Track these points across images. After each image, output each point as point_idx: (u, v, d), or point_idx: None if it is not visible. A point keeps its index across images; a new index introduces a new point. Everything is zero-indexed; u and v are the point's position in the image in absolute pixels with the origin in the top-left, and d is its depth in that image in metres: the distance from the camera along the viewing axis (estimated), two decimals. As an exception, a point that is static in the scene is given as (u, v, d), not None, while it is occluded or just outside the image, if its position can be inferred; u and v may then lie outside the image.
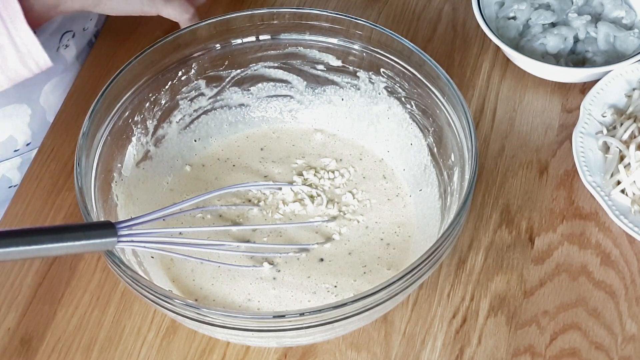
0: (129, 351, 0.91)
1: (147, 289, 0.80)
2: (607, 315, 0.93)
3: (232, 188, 0.95)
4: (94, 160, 0.90)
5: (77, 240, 0.77)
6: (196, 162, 1.02)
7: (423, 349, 0.91)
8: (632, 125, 1.01)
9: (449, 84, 0.91)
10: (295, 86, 1.03)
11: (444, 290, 0.95)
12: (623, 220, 0.96)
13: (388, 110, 1.01)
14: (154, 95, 0.97)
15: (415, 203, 0.98)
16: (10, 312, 0.94)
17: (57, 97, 1.11)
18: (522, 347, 0.91)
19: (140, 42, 1.14)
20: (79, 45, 1.12)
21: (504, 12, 1.13)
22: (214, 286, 0.92)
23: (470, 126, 0.88)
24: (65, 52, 1.10)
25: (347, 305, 0.79)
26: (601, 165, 1.00)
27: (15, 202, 1.02)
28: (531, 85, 1.10)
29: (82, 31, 1.12)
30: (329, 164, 1.01)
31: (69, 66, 1.12)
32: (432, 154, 0.97)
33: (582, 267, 0.96)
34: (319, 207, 0.97)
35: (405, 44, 0.95)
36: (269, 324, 0.80)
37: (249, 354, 0.91)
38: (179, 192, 0.99)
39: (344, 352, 0.91)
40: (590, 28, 1.11)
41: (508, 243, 0.98)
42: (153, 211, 0.85)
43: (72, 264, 0.97)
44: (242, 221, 0.97)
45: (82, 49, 1.13)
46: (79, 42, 1.12)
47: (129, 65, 0.93)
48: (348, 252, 0.94)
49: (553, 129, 1.07)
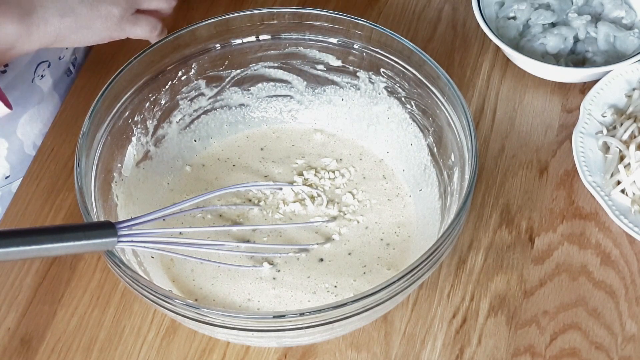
0: (129, 351, 0.91)
1: (147, 289, 0.80)
2: (607, 315, 0.93)
3: (232, 188, 0.95)
4: (94, 160, 0.90)
5: (77, 240, 0.77)
6: (196, 162, 1.02)
7: (423, 349, 0.91)
8: (632, 125, 1.01)
9: (449, 84, 0.91)
10: (295, 86, 1.03)
11: (444, 290, 0.95)
12: (623, 220, 0.96)
13: (388, 111, 1.01)
14: (154, 95, 0.97)
15: (415, 203, 0.98)
16: (10, 312, 0.94)
17: (35, 128, 1.08)
18: (522, 347, 0.91)
19: (140, 42, 1.13)
20: (56, 74, 1.09)
21: (504, 12, 1.13)
22: (214, 286, 0.92)
23: (470, 126, 0.88)
24: (41, 83, 1.06)
25: (347, 305, 0.79)
26: (601, 165, 1.00)
27: (15, 202, 1.02)
28: (531, 85, 1.10)
29: (58, 60, 1.09)
30: (329, 164, 1.01)
31: (46, 96, 1.08)
32: (432, 154, 0.97)
33: (582, 267, 0.96)
34: (319, 208, 0.97)
35: (405, 44, 0.95)
36: (269, 324, 0.80)
37: (249, 354, 0.91)
38: (179, 192, 0.99)
39: (344, 352, 0.91)
40: (590, 28, 1.11)
41: (508, 243, 0.98)
42: (153, 211, 0.85)
43: (72, 264, 0.97)
44: (242, 221, 0.97)
45: (60, 78, 1.10)
46: (55, 71, 1.09)
47: (129, 65, 0.93)
48: (348, 252, 0.94)
49: (553, 129, 1.07)
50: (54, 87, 1.09)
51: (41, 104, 1.08)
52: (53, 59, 1.08)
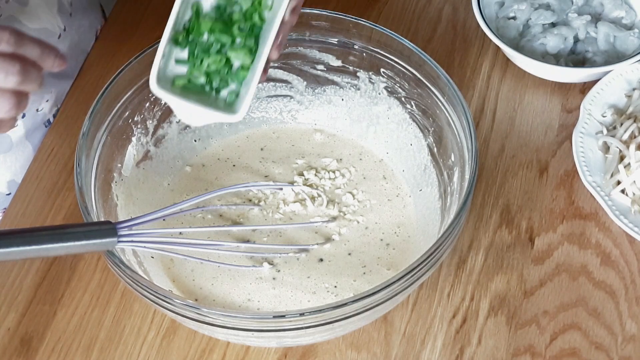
0: (129, 351, 0.91)
1: (147, 289, 0.80)
2: (607, 315, 0.93)
3: (232, 188, 0.95)
4: (94, 160, 0.90)
5: (77, 240, 0.77)
6: (196, 162, 1.02)
7: (423, 349, 0.91)
8: (632, 125, 1.01)
9: (449, 84, 0.91)
10: (295, 86, 1.03)
11: (444, 290, 0.95)
12: (623, 220, 0.96)
13: (388, 111, 1.01)
14: (154, 95, 0.97)
15: (415, 203, 0.98)
16: (10, 312, 0.94)
17: (1, 175, 1.06)
18: (522, 347, 0.91)
19: (140, 42, 1.13)
20: (30, 125, 1.06)
21: (504, 12, 1.13)
22: (214, 286, 0.92)
23: (470, 126, 0.88)
24: (10, 132, 1.00)
25: (347, 305, 0.79)
26: (601, 165, 1.00)
27: (15, 202, 1.02)
28: (531, 85, 1.10)
29: (35, 112, 1.06)
30: (329, 164, 1.01)
31: (16, 145, 1.05)
32: (432, 154, 0.97)
33: (582, 267, 0.96)
34: (319, 208, 0.97)
35: (405, 44, 0.95)
36: (269, 324, 0.80)
37: (249, 354, 0.91)
38: (179, 192, 0.99)
39: (344, 352, 0.91)
40: (590, 28, 1.11)
41: (508, 243, 0.98)
42: (153, 211, 0.85)
43: (72, 264, 0.97)
44: (242, 221, 0.97)
45: (35, 128, 1.07)
46: (29, 122, 1.06)
47: (129, 65, 0.93)
48: (348, 252, 0.94)
49: (553, 129, 1.07)
50: (26, 137, 1.06)
51: (10, 152, 1.05)
52: (29, 110, 1.05)
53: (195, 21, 0.80)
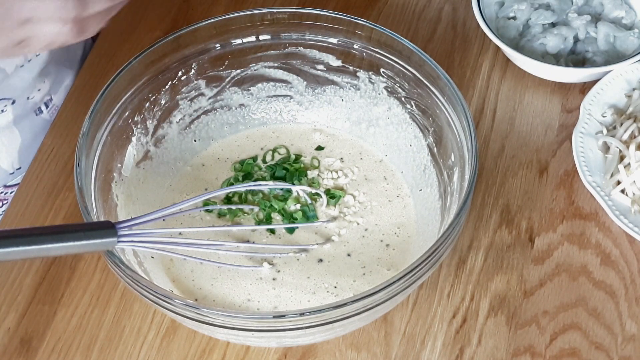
0: (129, 351, 0.91)
1: (147, 289, 0.80)
2: (607, 315, 0.93)
3: (232, 188, 0.95)
4: (94, 160, 0.90)
5: (77, 240, 0.77)
6: (196, 162, 1.02)
7: (423, 349, 0.91)
8: (632, 125, 1.01)
9: (449, 84, 0.91)
10: (295, 86, 1.03)
11: (444, 290, 0.95)
12: (623, 220, 0.96)
13: (388, 111, 1.01)
14: (154, 95, 0.97)
15: (415, 203, 0.98)
16: (10, 312, 0.94)
17: None
18: (522, 347, 0.91)
19: (140, 42, 1.14)
20: (19, 111, 1.07)
21: (504, 12, 1.13)
22: (213, 286, 0.92)
23: (470, 126, 0.88)
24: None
25: (347, 305, 0.79)
26: (601, 165, 1.00)
27: (15, 202, 1.02)
28: (531, 85, 1.10)
29: (26, 100, 1.07)
30: (332, 164, 1.01)
31: (2, 130, 1.07)
32: (432, 154, 0.97)
33: (582, 267, 0.96)
34: (320, 208, 0.97)
35: (405, 44, 0.95)
36: (269, 324, 0.80)
37: (249, 354, 0.91)
38: (179, 192, 0.99)
39: (344, 352, 0.91)
40: (590, 28, 1.11)
41: (508, 243, 0.98)
42: (153, 211, 0.85)
43: (72, 264, 0.97)
44: (242, 221, 0.97)
45: (24, 115, 1.08)
46: (19, 108, 1.07)
47: (129, 65, 0.93)
48: (347, 253, 0.94)
49: (553, 129, 1.07)
50: (14, 123, 1.07)
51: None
52: (20, 98, 1.06)
53: None
